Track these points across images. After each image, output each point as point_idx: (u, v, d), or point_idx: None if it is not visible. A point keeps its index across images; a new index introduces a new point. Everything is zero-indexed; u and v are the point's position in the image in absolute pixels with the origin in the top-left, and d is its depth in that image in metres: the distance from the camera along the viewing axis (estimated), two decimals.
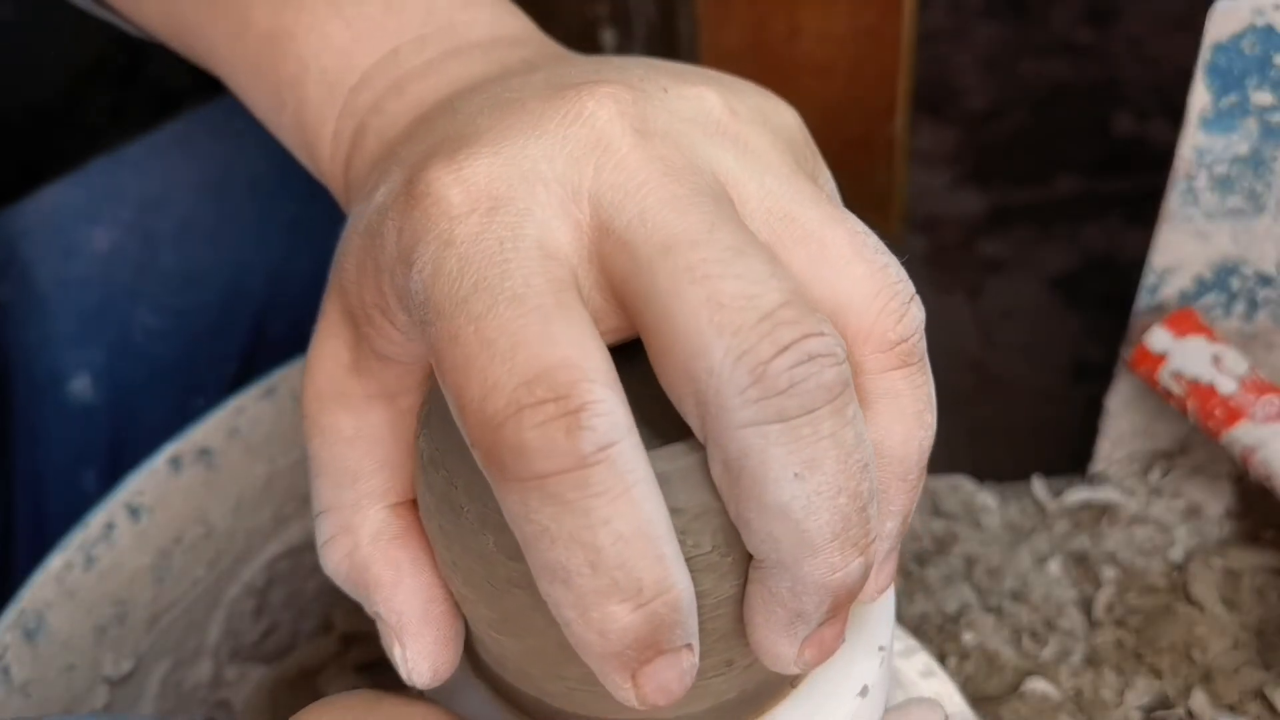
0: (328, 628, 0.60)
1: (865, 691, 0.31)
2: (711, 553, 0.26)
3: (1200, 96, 0.50)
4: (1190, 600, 0.56)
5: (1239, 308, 0.56)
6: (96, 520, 0.50)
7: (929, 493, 0.63)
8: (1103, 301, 1.37)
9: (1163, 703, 0.52)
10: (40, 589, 0.48)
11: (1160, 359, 0.54)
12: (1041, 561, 0.59)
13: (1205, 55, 0.49)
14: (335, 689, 0.56)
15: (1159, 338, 0.54)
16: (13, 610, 0.47)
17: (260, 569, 0.58)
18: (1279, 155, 0.52)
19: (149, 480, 0.52)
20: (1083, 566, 0.58)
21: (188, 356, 0.66)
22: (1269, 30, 0.49)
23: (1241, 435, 0.52)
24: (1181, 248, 0.55)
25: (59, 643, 0.49)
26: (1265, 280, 0.55)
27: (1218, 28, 0.49)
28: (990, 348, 1.34)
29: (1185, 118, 0.51)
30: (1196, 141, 0.52)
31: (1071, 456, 0.65)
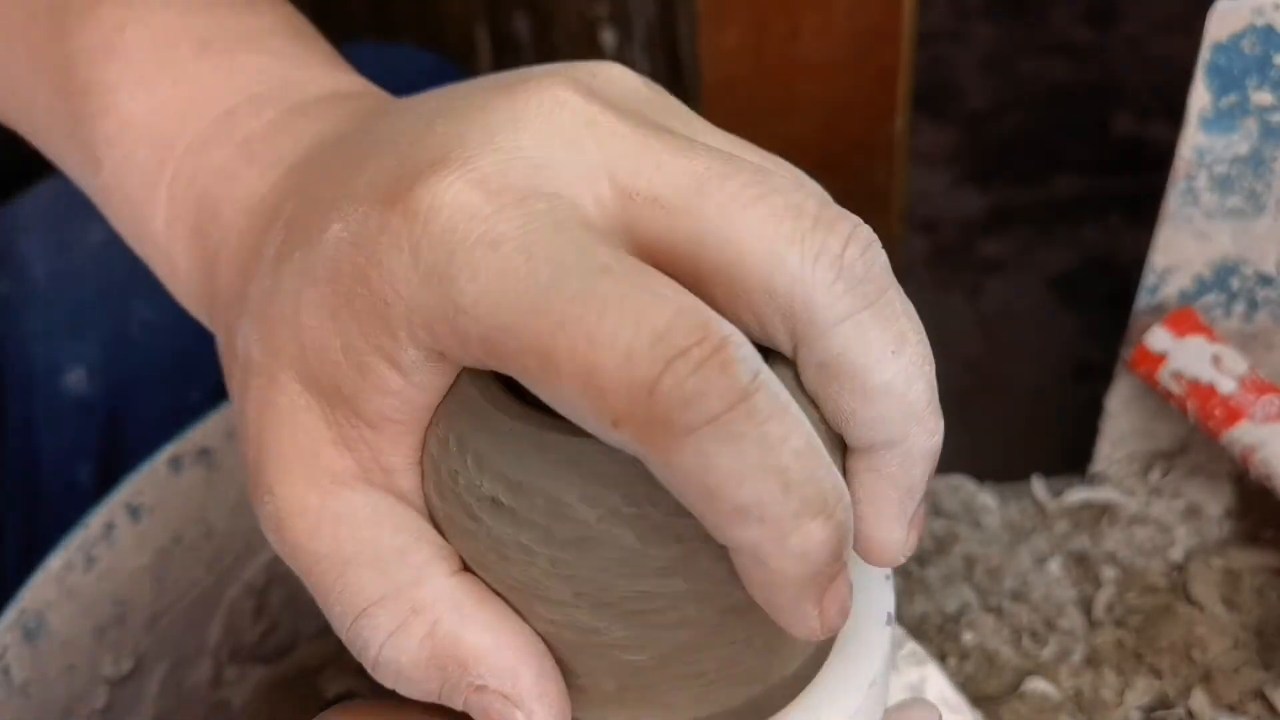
0: (328, 628, 0.60)
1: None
2: None
3: (1200, 96, 0.50)
4: (1190, 600, 0.56)
5: (1239, 308, 0.56)
6: (96, 520, 0.50)
7: (929, 493, 0.63)
8: (1103, 301, 1.37)
9: (1163, 703, 0.52)
10: (40, 589, 0.48)
11: (1160, 359, 0.54)
12: (1041, 561, 0.59)
13: (1205, 55, 0.49)
14: (335, 689, 0.56)
15: (1159, 338, 0.54)
16: (12, 610, 0.47)
17: (260, 569, 0.58)
18: (1279, 155, 0.52)
19: (149, 480, 0.52)
20: (1083, 566, 0.59)
21: (184, 350, 0.65)
22: (1269, 30, 0.49)
23: (1241, 435, 0.52)
24: (1181, 248, 0.55)
25: (59, 643, 0.49)
26: (1265, 280, 0.55)
27: (1218, 28, 0.49)
28: (990, 348, 1.34)
29: (1185, 118, 0.51)
30: (1196, 141, 0.52)
31: (1071, 456, 0.65)
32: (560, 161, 0.26)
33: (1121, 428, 0.61)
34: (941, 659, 0.55)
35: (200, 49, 0.34)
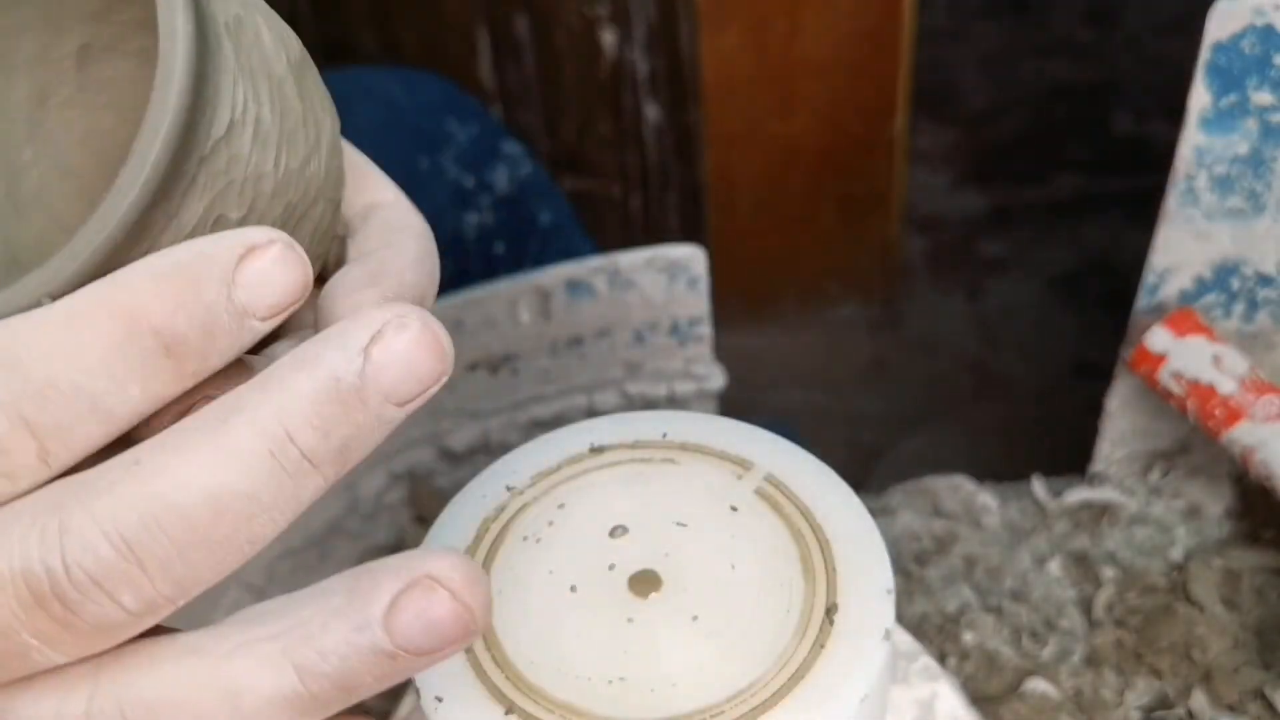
0: None
1: (887, 635, 0.31)
2: None
3: (1200, 96, 0.50)
4: (1190, 600, 0.56)
5: (1239, 308, 0.56)
6: None
7: (929, 493, 0.63)
8: (1103, 301, 1.37)
9: (1163, 703, 0.52)
10: None
11: (1160, 359, 0.54)
12: (1041, 561, 0.59)
13: (1205, 55, 0.49)
14: None
15: (1159, 338, 0.54)
16: None
17: (260, 569, 0.58)
18: (1279, 155, 0.52)
19: None
20: (1083, 566, 0.58)
21: None
22: (1269, 30, 0.49)
23: (1241, 435, 0.52)
24: (1181, 248, 0.55)
25: None
26: (1265, 280, 0.55)
27: (1218, 28, 0.49)
28: (990, 348, 1.34)
29: (1185, 118, 0.51)
30: (1196, 141, 0.52)
31: (1071, 456, 0.65)
32: None
33: (1121, 428, 0.61)
34: (941, 659, 0.55)
35: None
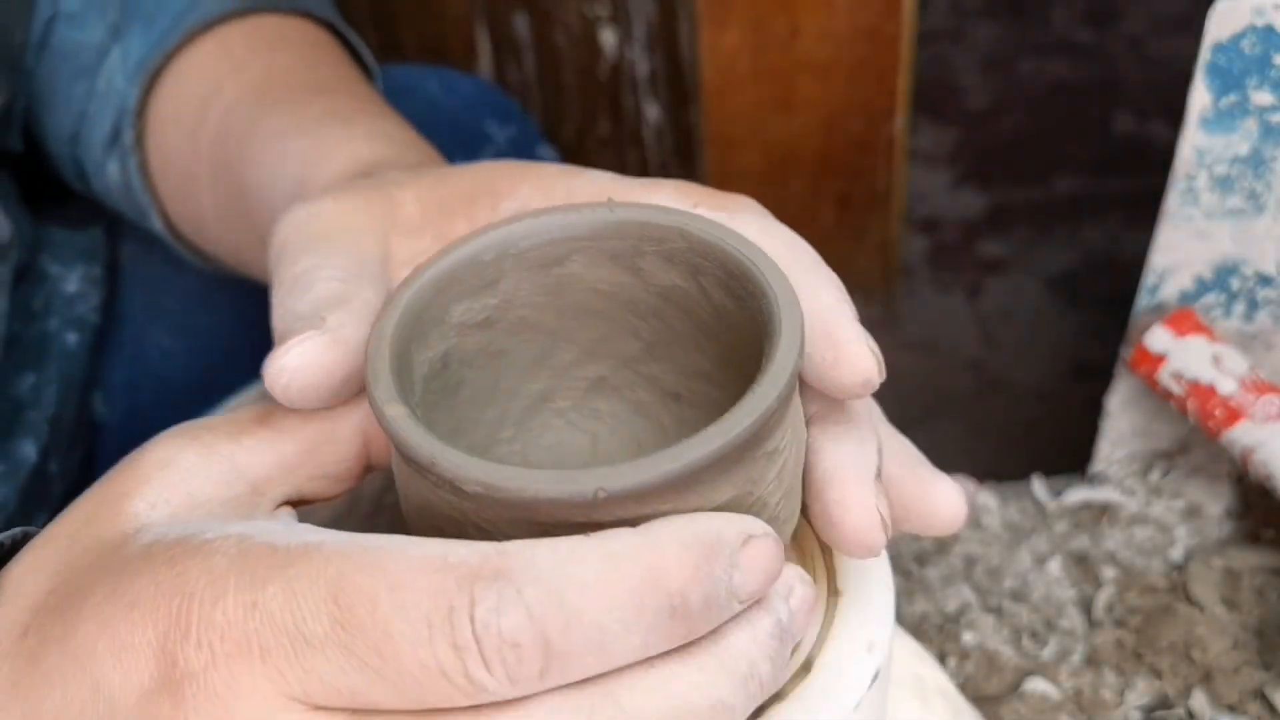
0: None
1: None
2: None
3: (1200, 96, 0.50)
4: (1190, 600, 0.56)
5: (1239, 308, 0.56)
6: None
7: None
8: (1103, 301, 1.37)
9: (1163, 703, 0.52)
10: None
11: (1160, 359, 0.54)
12: (1041, 561, 0.59)
13: (1205, 55, 0.49)
14: None
15: (1159, 338, 0.54)
16: None
17: None
18: (1279, 155, 0.52)
19: None
20: (1083, 566, 0.59)
21: (201, 377, 0.65)
22: (1269, 30, 0.49)
23: (1241, 435, 0.52)
24: (1181, 248, 0.55)
25: None
26: (1265, 280, 0.55)
27: (1218, 28, 0.49)
28: (990, 348, 1.34)
29: (1185, 118, 0.51)
30: (1196, 141, 0.52)
31: (1071, 456, 0.65)
32: None
33: (1121, 428, 0.61)
34: (941, 659, 0.55)
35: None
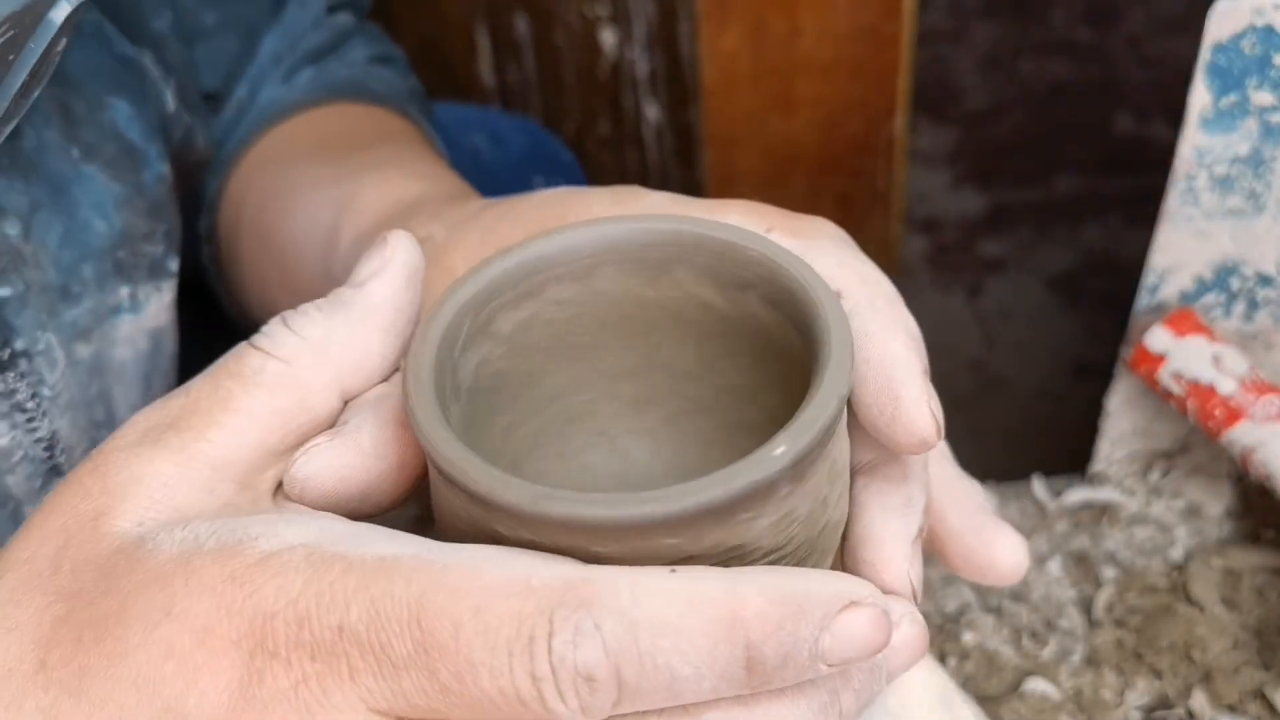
0: None
1: None
2: None
3: (1200, 96, 0.50)
4: (1190, 600, 0.56)
5: (1239, 308, 0.56)
6: None
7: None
8: (1103, 301, 1.38)
9: (1163, 703, 0.52)
10: None
11: (1160, 359, 0.54)
12: (1041, 561, 0.59)
13: (1205, 55, 0.49)
14: None
15: (1159, 338, 0.55)
16: None
17: None
18: (1279, 155, 0.52)
19: None
20: (1083, 566, 0.59)
21: None
22: (1269, 30, 0.49)
23: (1241, 435, 0.52)
24: (1181, 248, 0.55)
25: None
26: (1265, 280, 0.55)
27: (1218, 28, 0.49)
28: (990, 348, 1.34)
29: (1185, 118, 0.51)
30: (1196, 141, 0.52)
31: (1071, 456, 0.65)
32: None
33: (1121, 428, 0.61)
34: (941, 659, 0.55)
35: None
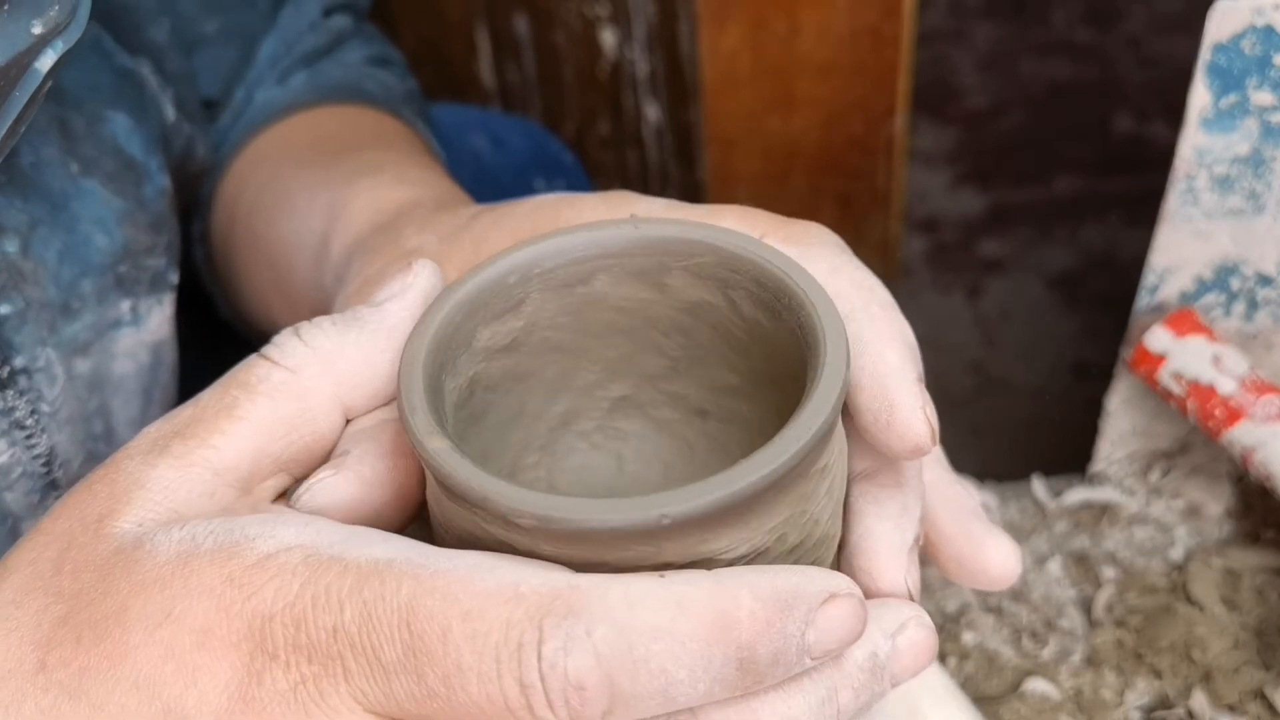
0: None
1: None
2: None
3: (1200, 96, 0.50)
4: (1190, 600, 0.56)
5: (1239, 308, 0.56)
6: None
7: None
8: (1103, 301, 1.38)
9: (1163, 703, 0.52)
10: None
11: (1160, 359, 0.54)
12: (1041, 561, 0.59)
13: (1205, 55, 0.49)
14: None
15: (1159, 338, 0.55)
16: None
17: None
18: (1279, 155, 0.52)
19: None
20: (1083, 566, 0.59)
21: None
22: (1269, 30, 0.49)
23: (1241, 435, 0.52)
24: (1181, 248, 0.55)
25: None
26: (1265, 280, 0.55)
27: (1218, 28, 0.49)
28: (990, 348, 1.34)
29: (1185, 118, 0.51)
30: (1196, 141, 0.52)
31: (1071, 456, 0.65)
32: None
33: (1121, 428, 0.61)
34: (941, 659, 0.55)
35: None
